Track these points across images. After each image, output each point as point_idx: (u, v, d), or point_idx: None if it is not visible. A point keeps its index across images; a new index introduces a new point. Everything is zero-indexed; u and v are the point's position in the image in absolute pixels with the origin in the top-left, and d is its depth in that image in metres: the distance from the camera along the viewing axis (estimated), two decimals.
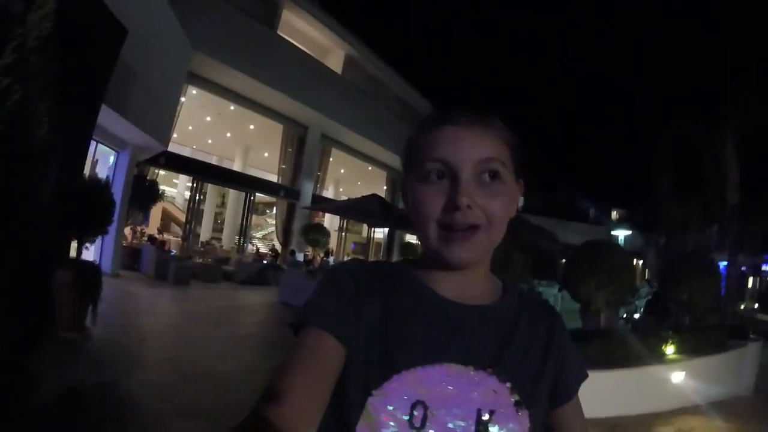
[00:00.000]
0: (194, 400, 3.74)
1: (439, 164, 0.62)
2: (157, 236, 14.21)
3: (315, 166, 15.82)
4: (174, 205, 18.89)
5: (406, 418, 0.57)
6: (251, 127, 15.55)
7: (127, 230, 12.43)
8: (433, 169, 0.63)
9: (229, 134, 16.82)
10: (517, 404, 0.61)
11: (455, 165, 0.62)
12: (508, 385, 0.61)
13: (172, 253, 12.04)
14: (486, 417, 0.59)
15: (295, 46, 14.07)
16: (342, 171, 20.45)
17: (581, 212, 24.07)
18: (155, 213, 15.70)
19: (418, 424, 0.57)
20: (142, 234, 13.89)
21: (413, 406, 0.57)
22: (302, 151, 15.26)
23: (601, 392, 4.84)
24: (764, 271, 27.59)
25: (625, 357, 5.03)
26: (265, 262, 13.66)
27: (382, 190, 19.62)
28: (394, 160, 18.64)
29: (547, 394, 0.67)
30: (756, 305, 17.43)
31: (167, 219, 18.21)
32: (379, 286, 0.65)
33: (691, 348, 5.67)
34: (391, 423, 0.56)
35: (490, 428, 0.59)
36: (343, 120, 15.15)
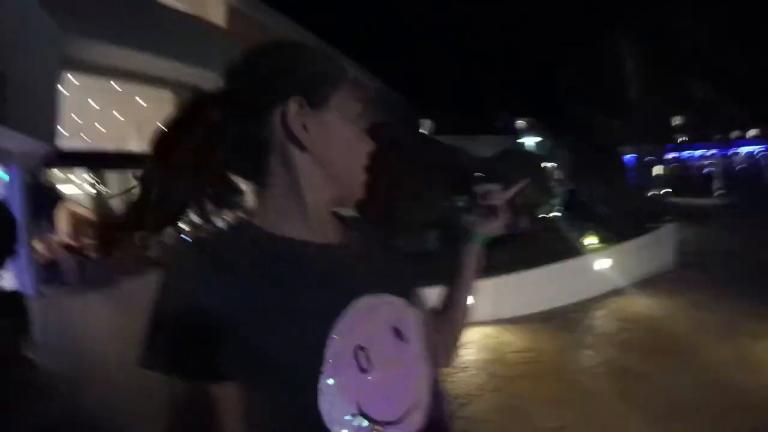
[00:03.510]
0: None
1: (363, 114, 0.68)
2: (71, 242, 13.25)
3: None
4: (80, 204, 17.31)
5: (356, 366, 0.59)
6: (142, 103, 14.30)
7: (39, 245, 11.25)
8: (360, 116, 0.68)
9: (120, 116, 15.39)
10: (408, 306, 0.70)
11: (367, 117, 0.69)
12: (395, 295, 0.68)
13: (91, 257, 11.02)
14: (398, 327, 0.66)
15: (168, 5, 12.92)
16: None
17: (492, 125, 24.55)
18: (62, 218, 14.37)
19: (365, 366, 0.59)
20: (55, 244, 12.75)
21: (355, 354, 0.59)
22: None
23: (534, 288, 5.07)
24: (667, 159, 30.12)
25: (551, 252, 5.20)
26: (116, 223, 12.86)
27: None
28: None
29: (409, 285, 0.74)
30: (664, 190, 18.97)
31: (77, 221, 16.72)
32: (240, 277, 0.56)
33: (611, 236, 6.00)
34: (344, 381, 0.57)
35: (405, 334, 0.66)
36: None
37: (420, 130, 16.47)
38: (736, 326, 4.13)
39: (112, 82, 12.58)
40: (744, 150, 33.07)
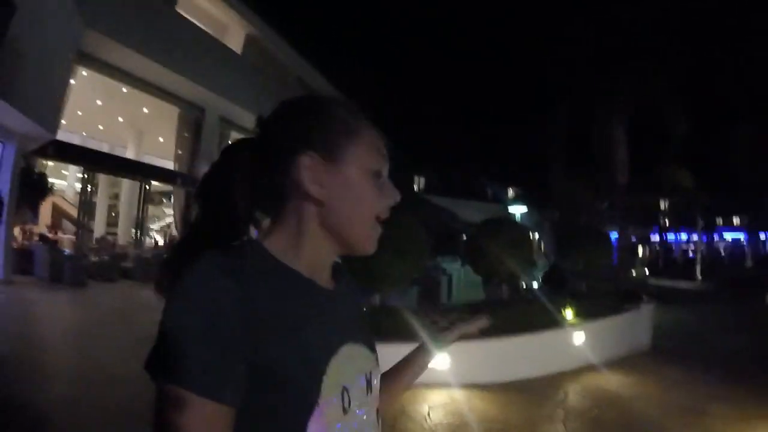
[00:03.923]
0: (104, 409, 3.66)
1: (382, 167, 0.70)
2: (48, 234, 12.97)
3: (214, 151, 14.82)
4: (64, 199, 17.06)
5: (341, 406, 0.62)
6: (145, 110, 14.38)
7: (17, 230, 11.21)
8: (379, 170, 0.69)
9: (121, 119, 15.43)
10: (376, 360, 0.75)
11: (385, 170, 0.71)
12: (368, 347, 0.74)
13: (66, 253, 10.98)
14: (368, 377, 0.71)
15: (193, 23, 13.15)
16: None
17: (479, 191, 24.91)
18: (45, 209, 14.16)
19: (348, 406, 0.63)
20: (32, 233, 12.43)
21: (342, 394, 0.63)
22: (200, 136, 14.30)
23: (509, 357, 5.04)
24: (653, 241, 30.75)
25: (527, 323, 5.21)
26: (165, 255, 12.65)
27: None
28: None
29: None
30: (647, 272, 19.17)
31: (58, 215, 16.46)
32: (255, 294, 0.57)
33: (589, 312, 6.05)
34: (331, 418, 0.61)
35: (373, 384, 0.72)
36: (242, 102, 14.28)
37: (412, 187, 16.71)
38: (706, 409, 4.16)
39: (121, 84, 12.46)
40: (728, 236, 33.88)
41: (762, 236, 31.44)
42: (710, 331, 8.37)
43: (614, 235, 13.37)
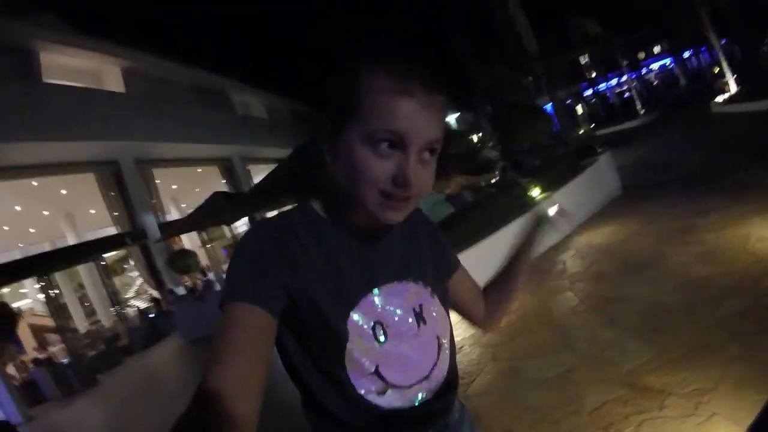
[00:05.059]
0: None
1: (393, 136, 0.64)
2: (40, 356, 12.49)
3: (144, 197, 14.21)
4: (37, 315, 16.38)
5: (373, 338, 0.73)
6: (63, 192, 13.59)
7: (11, 369, 11.01)
8: (387, 139, 0.65)
9: (46, 212, 14.58)
10: (431, 294, 0.83)
11: (408, 141, 0.65)
12: (421, 283, 0.81)
13: (65, 363, 10.52)
14: (418, 310, 0.79)
15: (68, 85, 12.25)
16: (174, 187, 18.92)
17: None
18: (24, 333, 13.63)
19: (382, 339, 0.74)
20: (25, 364, 11.97)
21: (374, 328, 0.73)
22: (125, 189, 13.67)
23: (497, 256, 5.07)
24: (586, 96, 31.51)
25: (502, 218, 5.29)
26: (151, 315, 12.49)
27: (220, 185, 18.33)
28: (221, 151, 17.43)
29: (441, 273, 0.89)
30: (592, 125, 19.75)
31: (39, 333, 15.80)
32: (296, 240, 0.72)
33: (554, 182, 6.18)
34: (365, 348, 0.72)
35: (424, 316, 0.80)
36: (148, 136, 13.65)
37: None
38: (694, 224, 4.40)
39: (29, 179, 11.70)
40: (655, 66, 34.98)
41: (686, 54, 32.48)
42: (669, 156, 8.78)
43: (549, 105, 13.60)
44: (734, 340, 2.40)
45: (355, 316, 0.72)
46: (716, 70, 18.48)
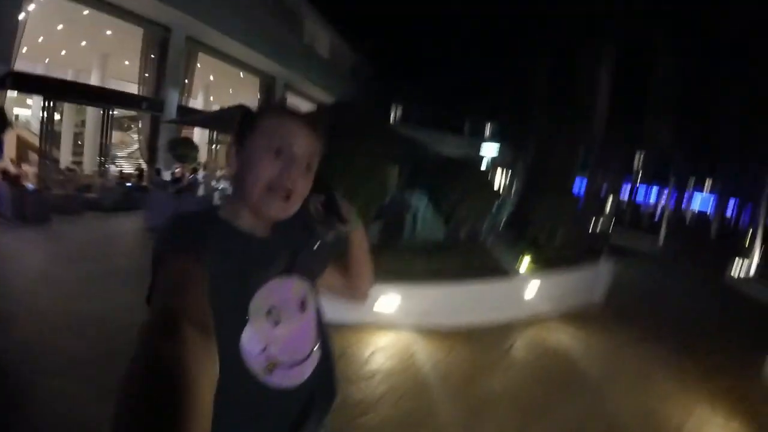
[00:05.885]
0: (68, 354, 3.46)
1: (281, 147, 0.90)
2: (11, 169, 12.37)
3: (180, 74, 13.99)
4: (29, 130, 16.27)
5: (266, 322, 0.89)
6: (108, 32, 13.40)
7: None
8: (276, 149, 0.89)
9: (84, 43, 14.41)
10: (312, 287, 1.03)
11: (291, 153, 0.90)
12: (297, 277, 0.98)
13: (29, 188, 10.45)
14: (305, 299, 0.99)
15: None
16: (211, 78, 18.66)
17: (457, 125, 23.84)
18: (9, 142, 13.41)
19: (275, 321, 0.91)
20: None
21: (267, 313, 0.90)
22: (165, 57, 13.41)
23: (460, 302, 5.00)
24: (622, 196, 30.92)
25: (482, 269, 5.18)
26: (129, 184, 12.28)
27: (255, 98, 18.04)
28: (270, 67, 17.16)
29: (321, 264, 1.10)
30: (612, 224, 19.23)
31: (23, 147, 15.69)
32: (204, 237, 0.85)
33: (547, 262, 6.00)
34: (267, 329, 0.90)
35: (306, 307, 0.99)
36: (209, 20, 13.30)
37: (381, 117, 15.98)
38: (650, 375, 4.27)
39: (82, 6, 11.56)
40: (697, 199, 34.40)
41: (731, 203, 31.53)
42: (667, 297, 8.26)
43: (583, 182, 13.16)
44: None
45: (255, 302, 0.87)
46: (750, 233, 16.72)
